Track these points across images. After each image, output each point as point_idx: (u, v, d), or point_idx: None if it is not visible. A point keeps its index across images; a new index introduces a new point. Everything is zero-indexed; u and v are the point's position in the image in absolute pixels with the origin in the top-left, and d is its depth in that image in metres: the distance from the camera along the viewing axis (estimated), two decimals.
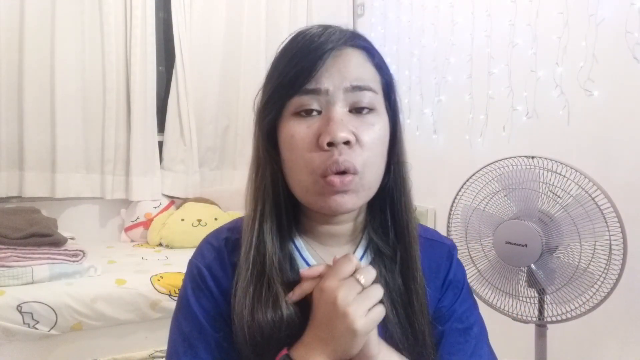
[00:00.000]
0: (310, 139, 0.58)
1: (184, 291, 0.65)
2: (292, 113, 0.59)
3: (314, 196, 0.59)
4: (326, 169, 0.57)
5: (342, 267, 0.56)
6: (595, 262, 1.20)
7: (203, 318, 0.62)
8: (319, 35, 0.59)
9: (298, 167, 0.59)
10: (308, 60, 0.57)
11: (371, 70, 0.61)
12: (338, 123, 0.56)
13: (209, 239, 0.69)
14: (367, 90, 0.59)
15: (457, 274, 0.71)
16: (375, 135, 0.59)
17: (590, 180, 1.20)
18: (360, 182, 0.59)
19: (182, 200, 2.84)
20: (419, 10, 2.57)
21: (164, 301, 1.90)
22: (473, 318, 0.69)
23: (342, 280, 0.55)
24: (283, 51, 0.61)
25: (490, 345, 0.70)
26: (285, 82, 0.58)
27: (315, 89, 0.58)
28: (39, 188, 2.49)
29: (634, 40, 1.59)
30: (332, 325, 0.53)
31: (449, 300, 0.69)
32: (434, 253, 0.70)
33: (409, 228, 0.65)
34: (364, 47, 0.62)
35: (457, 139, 2.32)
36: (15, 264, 1.79)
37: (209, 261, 0.65)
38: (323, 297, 0.55)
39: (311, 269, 0.59)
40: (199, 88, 2.87)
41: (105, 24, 2.58)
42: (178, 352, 0.63)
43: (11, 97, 2.43)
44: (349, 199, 0.59)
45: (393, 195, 0.65)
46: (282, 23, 3.05)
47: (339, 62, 0.58)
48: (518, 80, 2.01)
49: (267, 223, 0.62)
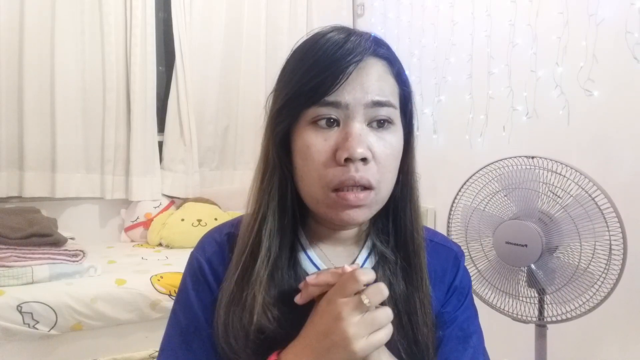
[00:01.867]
0: (327, 153, 0.57)
1: (183, 284, 0.65)
2: (309, 122, 0.58)
3: (324, 208, 0.59)
4: (340, 183, 0.56)
5: (347, 284, 0.54)
6: (595, 262, 1.20)
7: (200, 311, 0.62)
8: (342, 42, 0.57)
9: (311, 179, 0.58)
10: (331, 72, 0.55)
11: (391, 83, 0.60)
12: (356, 139, 0.55)
13: (212, 233, 0.69)
14: (386, 106, 0.58)
15: (463, 281, 0.70)
16: (390, 151, 0.59)
17: (590, 180, 1.20)
18: (375, 198, 0.59)
19: (182, 200, 2.83)
20: (419, 10, 2.57)
21: (164, 301, 1.90)
22: (473, 327, 0.69)
23: (349, 298, 0.53)
24: (302, 55, 0.59)
25: (487, 356, 0.70)
26: (304, 91, 0.56)
27: (335, 101, 0.56)
28: (39, 188, 2.49)
29: (634, 40, 1.59)
30: (329, 340, 0.52)
31: (452, 307, 0.68)
32: (439, 257, 0.70)
33: (413, 237, 0.64)
34: (386, 56, 0.60)
35: (457, 139, 2.32)
36: (15, 264, 1.79)
37: (209, 255, 0.65)
38: (327, 309, 0.53)
39: (318, 276, 0.57)
40: (199, 88, 2.86)
41: (105, 24, 2.58)
42: (172, 344, 0.63)
43: (11, 97, 2.43)
44: (362, 213, 0.59)
45: (398, 204, 0.65)
46: (282, 23, 3.04)
47: (362, 75, 0.57)
48: (518, 80, 2.01)
49: (266, 225, 0.61)
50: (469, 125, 2.25)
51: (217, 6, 2.87)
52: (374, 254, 0.66)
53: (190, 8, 2.81)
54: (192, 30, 2.82)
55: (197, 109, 2.86)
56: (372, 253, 0.66)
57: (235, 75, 2.95)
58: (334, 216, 0.59)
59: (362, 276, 0.53)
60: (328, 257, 0.66)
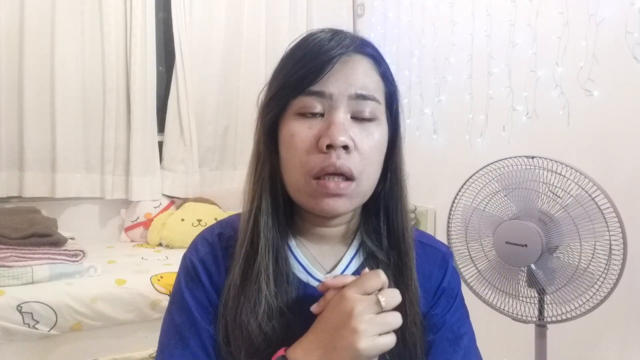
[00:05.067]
0: (310, 140, 0.58)
1: (178, 284, 0.66)
2: (295, 113, 0.60)
3: (305, 196, 0.60)
4: (321, 170, 0.58)
5: (369, 281, 0.55)
6: (595, 262, 1.20)
7: (195, 310, 0.63)
8: (329, 39, 0.60)
9: (293, 166, 0.59)
10: (316, 63, 0.58)
11: (376, 79, 0.62)
12: (339, 127, 0.57)
13: (203, 233, 0.70)
14: (370, 100, 0.60)
15: (451, 282, 0.70)
16: (373, 143, 0.60)
17: (590, 180, 1.20)
18: (356, 190, 0.60)
19: (182, 200, 2.84)
20: (419, 10, 2.57)
21: (164, 301, 1.89)
22: (464, 329, 0.69)
23: (365, 296, 0.54)
24: (292, 51, 0.62)
25: (479, 356, 0.70)
26: (291, 81, 0.59)
27: (320, 91, 0.58)
28: (39, 188, 2.49)
29: (634, 40, 1.59)
30: (338, 335, 0.52)
31: (441, 309, 0.68)
32: (427, 258, 0.70)
33: (404, 236, 0.65)
34: (372, 55, 0.62)
35: (457, 139, 2.32)
36: (15, 264, 1.79)
37: (202, 255, 0.66)
38: (340, 305, 0.54)
39: (337, 279, 0.57)
40: (199, 88, 2.87)
41: (105, 24, 2.58)
42: (169, 343, 0.63)
43: (11, 97, 2.42)
44: (342, 203, 0.59)
45: (389, 202, 0.66)
46: (282, 23, 3.04)
47: (346, 68, 0.59)
48: (518, 80, 2.01)
49: (263, 217, 0.62)
50: (469, 125, 2.25)
51: (217, 6, 2.87)
52: (361, 253, 0.67)
53: (190, 8, 2.81)
54: (192, 30, 2.82)
55: (197, 109, 2.86)
56: (359, 252, 0.67)
57: (235, 75, 2.95)
58: (314, 205, 0.59)
59: (384, 276, 0.55)
60: (314, 255, 0.66)
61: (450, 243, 1.44)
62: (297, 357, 0.55)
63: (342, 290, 0.55)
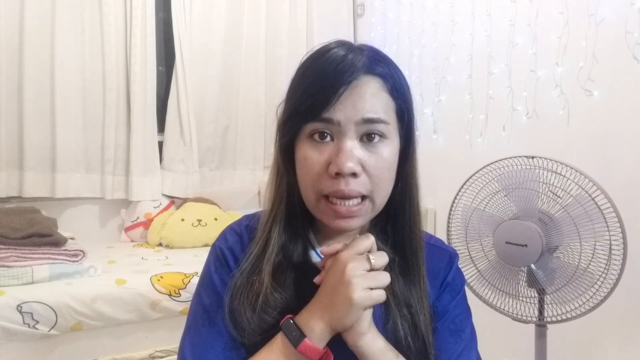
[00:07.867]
0: (321, 165, 0.62)
1: (207, 268, 0.71)
2: (307, 136, 0.63)
3: (319, 214, 0.65)
4: (332, 193, 0.62)
5: (360, 242, 0.61)
6: (595, 262, 1.20)
7: (222, 290, 0.67)
8: (340, 61, 0.61)
9: (307, 187, 0.64)
10: (324, 93, 0.60)
11: (385, 99, 0.63)
12: (347, 155, 0.60)
13: (232, 225, 0.75)
14: (377, 123, 0.62)
15: (456, 278, 0.74)
16: (383, 164, 0.63)
17: (590, 180, 1.20)
18: (369, 207, 0.64)
19: (182, 200, 2.83)
20: (419, 10, 2.57)
21: (164, 301, 1.90)
22: (466, 323, 0.72)
23: (356, 255, 0.60)
24: (304, 70, 0.64)
25: (479, 355, 0.72)
26: (302, 109, 0.62)
27: (328, 118, 0.61)
28: (39, 188, 2.49)
29: (634, 40, 1.59)
30: (335, 292, 0.59)
31: (445, 300, 0.71)
32: (434, 257, 0.73)
33: (411, 237, 0.68)
34: (380, 74, 0.63)
35: (457, 139, 2.32)
36: (15, 264, 1.79)
37: (230, 243, 0.72)
38: (335, 265, 0.60)
39: (330, 246, 0.63)
40: (199, 88, 2.87)
41: (105, 24, 2.58)
42: (197, 323, 0.67)
43: (11, 97, 2.43)
44: (355, 222, 0.64)
45: (397, 206, 0.69)
46: (282, 23, 3.04)
47: (354, 94, 0.61)
48: (518, 80, 2.01)
49: (276, 226, 0.67)
50: (469, 125, 2.25)
51: (217, 6, 2.87)
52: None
53: (190, 8, 2.81)
54: (192, 30, 2.82)
55: (197, 109, 2.86)
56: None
57: (235, 75, 2.95)
58: (327, 223, 0.65)
59: (372, 238, 0.62)
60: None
61: (450, 243, 1.44)
62: (302, 318, 0.61)
63: (337, 255, 0.61)
